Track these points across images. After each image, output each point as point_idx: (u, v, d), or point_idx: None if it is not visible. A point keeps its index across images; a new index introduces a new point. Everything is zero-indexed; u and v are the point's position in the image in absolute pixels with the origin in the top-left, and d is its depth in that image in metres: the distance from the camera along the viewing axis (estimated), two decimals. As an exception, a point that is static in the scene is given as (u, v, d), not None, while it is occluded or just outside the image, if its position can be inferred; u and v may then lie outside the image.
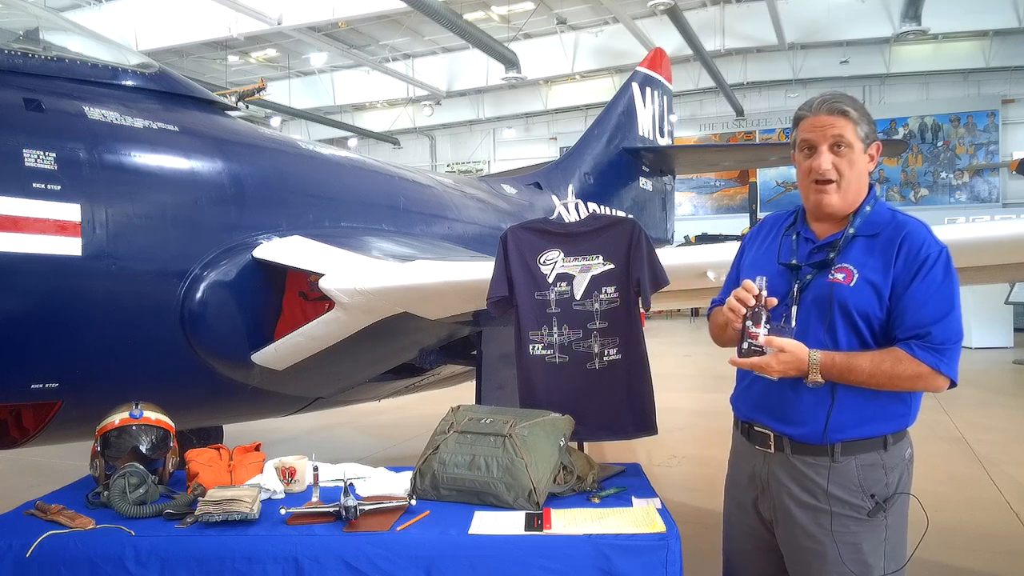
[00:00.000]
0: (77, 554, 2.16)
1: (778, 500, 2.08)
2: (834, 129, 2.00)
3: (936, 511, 5.19)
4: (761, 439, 2.11)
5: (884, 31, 19.27)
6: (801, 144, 2.08)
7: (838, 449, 1.99)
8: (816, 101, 2.06)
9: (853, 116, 2.01)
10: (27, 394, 3.13)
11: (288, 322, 3.70)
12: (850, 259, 2.00)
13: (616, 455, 4.59)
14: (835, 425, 1.98)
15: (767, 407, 2.09)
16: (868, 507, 1.99)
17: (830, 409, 1.98)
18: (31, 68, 3.23)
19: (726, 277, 2.42)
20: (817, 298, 2.01)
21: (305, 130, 26.77)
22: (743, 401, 2.20)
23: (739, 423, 2.23)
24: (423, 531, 2.20)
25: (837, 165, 2.01)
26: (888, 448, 2.01)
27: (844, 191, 2.03)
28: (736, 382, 2.27)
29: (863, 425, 2.00)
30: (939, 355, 1.91)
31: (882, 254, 1.99)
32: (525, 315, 2.99)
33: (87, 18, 17.01)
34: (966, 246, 2.93)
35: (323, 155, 4.65)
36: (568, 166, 7.90)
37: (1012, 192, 22.61)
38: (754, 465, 2.14)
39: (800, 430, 2.03)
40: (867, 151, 2.05)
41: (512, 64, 19.31)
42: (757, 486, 2.14)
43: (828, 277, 2.01)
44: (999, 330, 14.19)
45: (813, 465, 2.02)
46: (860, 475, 1.99)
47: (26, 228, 2.89)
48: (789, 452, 2.05)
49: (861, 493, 1.99)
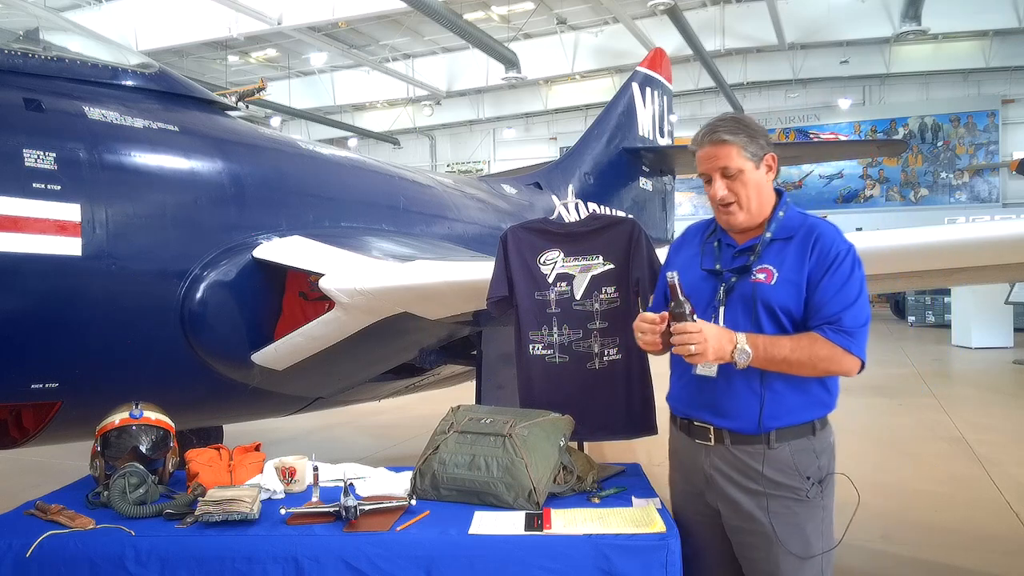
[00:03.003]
0: (77, 554, 2.15)
1: (721, 490, 2.19)
2: (718, 161, 2.18)
3: (936, 511, 5.22)
4: (701, 433, 2.23)
5: (884, 31, 19.29)
6: (700, 176, 2.26)
7: (773, 436, 2.14)
8: (700, 134, 2.23)
9: (736, 141, 2.16)
10: (27, 394, 3.13)
11: (288, 322, 3.70)
12: (769, 260, 2.17)
13: (616, 455, 4.59)
14: (768, 414, 2.13)
15: (704, 403, 2.22)
16: (805, 488, 2.14)
17: (762, 400, 2.13)
18: (31, 68, 3.23)
19: (656, 289, 2.54)
20: (742, 297, 2.17)
21: (305, 130, 26.78)
22: (680, 399, 2.31)
23: (677, 420, 2.33)
24: (423, 531, 2.20)
25: (731, 188, 2.19)
26: (816, 434, 2.18)
27: (747, 208, 2.20)
28: (671, 380, 2.38)
29: (793, 413, 2.15)
30: (849, 337, 2.08)
31: (797, 254, 2.16)
32: (525, 315, 2.99)
33: (87, 18, 17.02)
34: (967, 246, 2.93)
35: (323, 155, 4.65)
36: (568, 166, 7.90)
37: (1012, 192, 22.64)
38: (696, 459, 2.25)
39: (737, 423, 2.17)
40: (760, 165, 2.20)
41: (512, 64, 19.33)
42: (702, 479, 2.24)
43: (751, 278, 2.17)
44: (999, 330, 14.19)
45: (751, 453, 2.16)
46: (794, 459, 2.15)
47: (26, 228, 2.89)
48: (729, 443, 2.18)
49: (798, 475, 2.14)
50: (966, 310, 14.54)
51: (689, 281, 2.17)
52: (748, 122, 2.22)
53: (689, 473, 2.29)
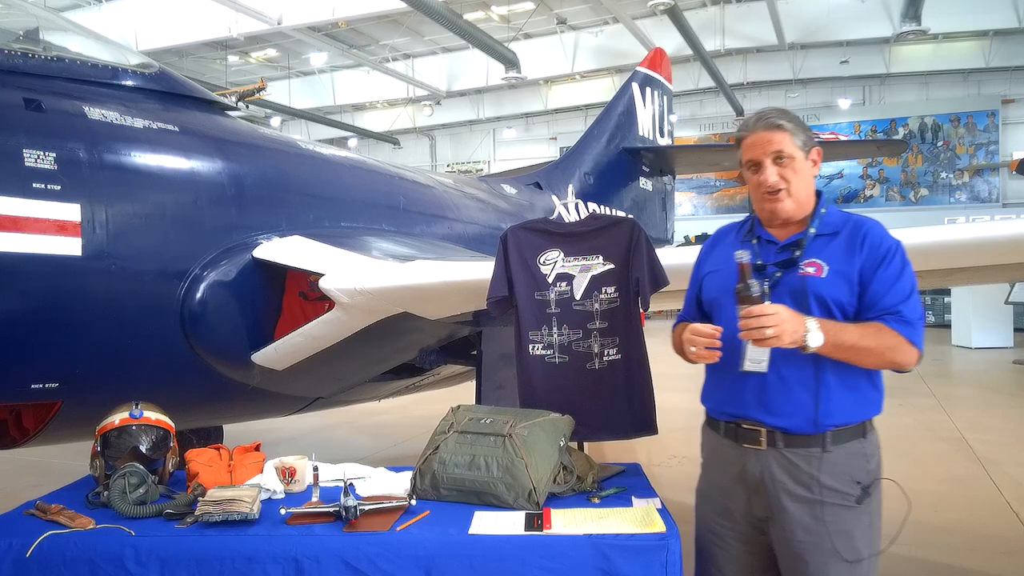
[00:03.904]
0: (77, 554, 2.15)
1: (774, 498, 2.10)
2: (772, 145, 2.13)
3: (936, 511, 5.21)
4: (751, 437, 2.13)
5: (884, 31, 19.26)
6: (747, 164, 2.19)
7: (829, 438, 2.06)
8: (752, 119, 2.20)
9: (788, 128, 2.14)
10: (27, 394, 3.13)
11: (288, 322, 3.70)
12: (817, 255, 2.11)
13: (616, 455, 4.59)
14: (825, 412, 2.06)
15: (754, 402, 2.12)
16: (856, 494, 2.07)
17: (817, 396, 2.05)
18: (31, 68, 3.23)
19: (687, 293, 2.45)
20: (793, 292, 2.09)
21: (305, 130, 26.77)
22: (723, 400, 2.21)
23: (720, 424, 2.22)
24: (423, 531, 2.20)
25: (783, 175, 2.13)
26: (867, 435, 2.12)
27: (795, 196, 2.15)
28: (710, 382, 2.28)
29: (846, 412, 2.08)
30: (911, 328, 2.04)
31: (845, 249, 2.11)
32: (525, 315, 2.99)
33: (87, 18, 17.01)
34: (967, 246, 2.93)
35: (323, 155, 4.65)
36: (568, 166, 7.90)
37: (1012, 192, 22.62)
38: (744, 465, 2.14)
39: (791, 420, 2.08)
40: (808, 157, 2.17)
41: (512, 64, 19.30)
42: (749, 486, 2.14)
43: (799, 272, 2.11)
44: (999, 330, 14.21)
45: (806, 457, 2.07)
46: (847, 463, 2.08)
47: (26, 228, 2.89)
48: (782, 446, 2.09)
49: (850, 480, 2.07)
50: (966, 310, 14.56)
51: (728, 279, 2.10)
52: (795, 115, 2.20)
53: (732, 481, 2.18)
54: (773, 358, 2.05)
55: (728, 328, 2.11)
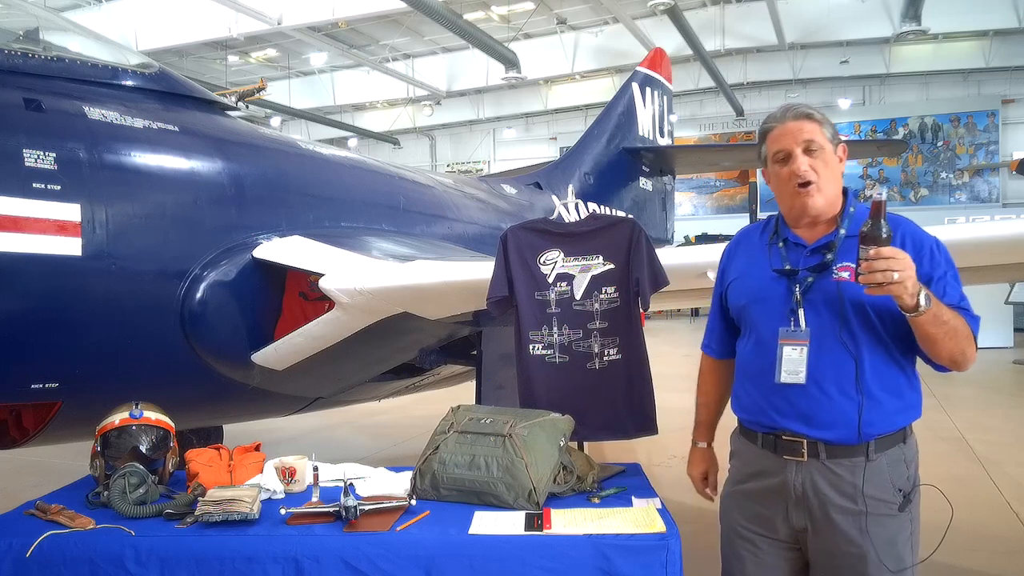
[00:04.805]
0: (77, 554, 2.15)
1: (818, 510, 2.02)
2: (803, 134, 2.05)
3: (936, 511, 5.20)
4: (791, 448, 2.04)
5: (884, 31, 19.25)
6: (775, 155, 2.10)
7: (872, 447, 2.00)
8: (780, 111, 2.12)
9: (818, 119, 2.07)
10: (27, 394, 3.13)
11: (288, 322, 3.70)
12: (849, 258, 1.97)
13: (616, 455, 4.59)
14: (867, 421, 1.98)
15: (794, 413, 2.03)
16: (898, 502, 2.01)
17: (860, 406, 1.98)
18: (31, 68, 3.23)
19: (711, 302, 2.38)
20: (826, 297, 2.01)
21: (305, 130, 26.76)
22: (761, 411, 2.11)
23: (758, 436, 2.12)
24: (423, 531, 2.20)
25: (813, 166, 2.04)
26: (907, 441, 2.07)
27: (825, 191, 2.06)
28: (742, 389, 2.19)
29: (888, 419, 2.02)
30: (976, 324, 1.98)
31: None
32: (525, 315, 2.99)
33: (87, 18, 17.00)
34: (966, 246, 2.93)
35: (323, 155, 4.65)
36: (568, 166, 7.90)
37: (1012, 192, 22.61)
38: (784, 477, 2.06)
39: (834, 432, 2.00)
40: (836, 152, 2.09)
41: (512, 64, 19.29)
42: (788, 497, 2.06)
43: (833, 276, 2.01)
44: (999, 330, 14.18)
45: (849, 467, 2.00)
46: (889, 471, 2.02)
47: (26, 228, 2.89)
48: (824, 457, 2.01)
49: (892, 489, 2.01)
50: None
51: (757, 284, 2.06)
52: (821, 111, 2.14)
53: (772, 492, 2.09)
54: (810, 368, 1.99)
55: (761, 336, 2.08)
